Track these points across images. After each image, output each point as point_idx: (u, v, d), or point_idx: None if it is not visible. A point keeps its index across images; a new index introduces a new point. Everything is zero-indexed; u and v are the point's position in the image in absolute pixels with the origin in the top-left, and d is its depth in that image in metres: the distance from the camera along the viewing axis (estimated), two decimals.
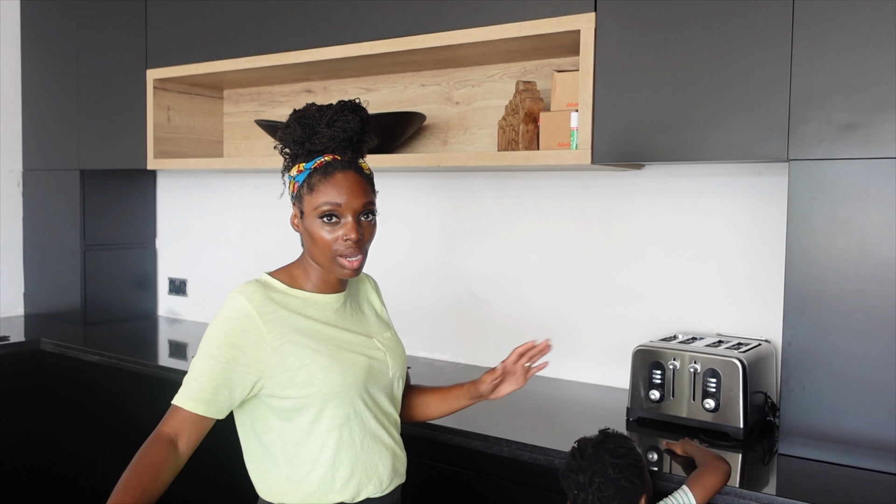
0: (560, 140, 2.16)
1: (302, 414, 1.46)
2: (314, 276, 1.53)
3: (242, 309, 1.43)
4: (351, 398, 1.49)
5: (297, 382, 1.44)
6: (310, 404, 1.45)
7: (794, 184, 1.79)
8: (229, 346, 1.41)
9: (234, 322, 1.43)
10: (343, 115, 1.49)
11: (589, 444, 1.54)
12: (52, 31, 3.42)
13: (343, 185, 1.46)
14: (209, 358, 1.42)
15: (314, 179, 1.47)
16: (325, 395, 1.45)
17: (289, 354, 1.44)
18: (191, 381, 1.42)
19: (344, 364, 1.48)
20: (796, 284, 1.79)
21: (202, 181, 3.47)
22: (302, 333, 1.46)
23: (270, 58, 2.68)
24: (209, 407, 1.40)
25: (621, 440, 1.54)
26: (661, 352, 2.01)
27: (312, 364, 1.45)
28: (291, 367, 1.44)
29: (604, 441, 1.53)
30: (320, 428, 1.47)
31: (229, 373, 1.41)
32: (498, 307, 2.64)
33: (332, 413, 1.47)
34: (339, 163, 1.48)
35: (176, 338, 3.27)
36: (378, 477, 1.53)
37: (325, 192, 1.46)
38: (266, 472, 1.51)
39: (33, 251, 3.58)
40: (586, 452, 1.52)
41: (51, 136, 3.46)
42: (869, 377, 1.71)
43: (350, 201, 1.46)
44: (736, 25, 1.85)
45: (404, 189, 2.83)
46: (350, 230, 1.46)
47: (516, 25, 2.16)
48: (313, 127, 1.48)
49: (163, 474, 1.36)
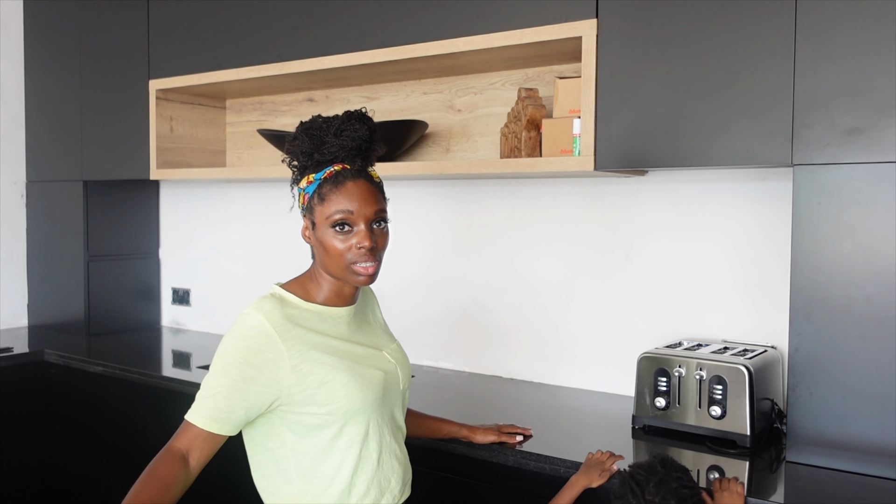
0: (563, 147, 2.15)
1: (321, 430, 1.44)
2: (326, 289, 1.52)
3: (260, 327, 1.40)
4: (370, 414, 1.48)
5: (318, 400, 1.42)
6: (330, 421, 1.44)
7: (799, 189, 1.78)
8: (246, 364, 1.38)
9: (251, 340, 1.40)
10: (350, 124, 1.48)
11: (651, 482, 1.41)
12: (55, 41, 3.44)
13: (354, 194, 1.45)
14: (224, 376, 1.39)
15: (324, 189, 1.46)
16: (345, 413, 1.44)
17: (308, 373, 1.41)
18: (205, 399, 1.39)
19: (363, 380, 1.47)
20: (802, 290, 1.78)
21: (205, 191, 3.47)
22: (319, 350, 1.44)
23: (272, 67, 2.68)
24: (223, 426, 1.38)
25: (683, 476, 1.43)
26: (667, 359, 2.00)
27: (333, 382, 1.43)
28: (311, 385, 1.41)
29: (665, 479, 1.41)
30: (340, 444, 1.45)
31: (245, 392, 1.38)
32: (502, 315, 2.63)
33: (353, 430, 1.46)
34: (349, 172, 1.47)
35: (180, 348, 3.26)
36: (391, 492, 1.52)
37: (336, 201, 1.45)
38: (276, 487, 1.48)
39: (37, 262, 3.58)
40: (647, 489, 1.40)
41: (54, 146, 3.47)
42: (877, 383, 1.70)
43: (362, 209, 1.45)
44: (738, 30, 1.84)
45: (407, 197, 2.82)
46: (363, 238, 1.45)
47: (518, 32, 2.15)
48: (321, 137, 1.47)
49: (172, 489, 1.34)
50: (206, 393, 1.40)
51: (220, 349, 1.42)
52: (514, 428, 1.92)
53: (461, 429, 1.88)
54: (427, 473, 1.95)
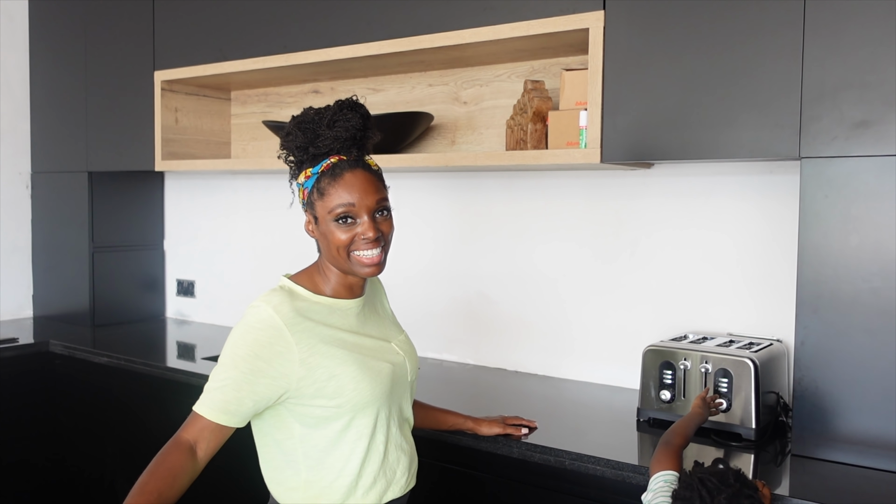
0: (569, 139, 2.14)
1: (330, 423, 1.45)
2: (334, 282, 1.52)
3: (269, 320, 1.40)
4: (379, 406, 1.48)
5: (327, 393, 1.43)
6: (339, 414, 1.44)
7: (807, 182, 1.77)
8: (255, 357, 1.39)
9: (260, 333, 1.40)
10: (343, 113, 1.47)
11: (723, 493, 1.32)
12: (60, 33, 3.43)
13: (354, 185, 1.45)
14: (233, 368, 1.39)
15: (323, 183, 1.45)
16: (354, 406, 1.44)
17: (317, 366, 1.42)
18: (214, 391, 1.39)
19: (371, 373, 1.47)
20: (809, 283, 1.77)
21: (210, 182, 3.47)
22: (329, 344, 1.45)
23: (278, 58, 2.68)
24: (231, 417, 1.39)
25: (754, 495, 1.34)
26: (672, 352, 2.00)
27: (342, 375, 1.43)
28: (320, 378, 1.42)
29: (738, 494, 1.32)
30: (349, 436, 1.46)
31: (254, 385, 1.38)
32: (507, 307, 2.63)
33: (362, 422, 1.46)
34: (346, 163, 1.46)
35: (184, 339, 3.26)
36: (397, 482, 1.53)
37: (336, 194, 1.44)
38: (284, 478, 1.49)
39: (42, 253, 3.59)
40: (717, 499, 1.31)
41: (59, 138, 3.47)
42: (883, 377, 1.70)
43: (363, 200, 1.45)
44: (746, 22, 1.84)
45: (412, 189, 2.82)
46: (367, 228, 1.45)
47: (524, 24, 2.15)
48: (314, 130, 1.47)
49: (179, 480, 1.35)
50: (214, 385, 1.40)
51: (230, 341, 1.42)
52: (519, 420, 1.92)
53: (466, 420, 1.88)
54: (433, 465, 1.96)
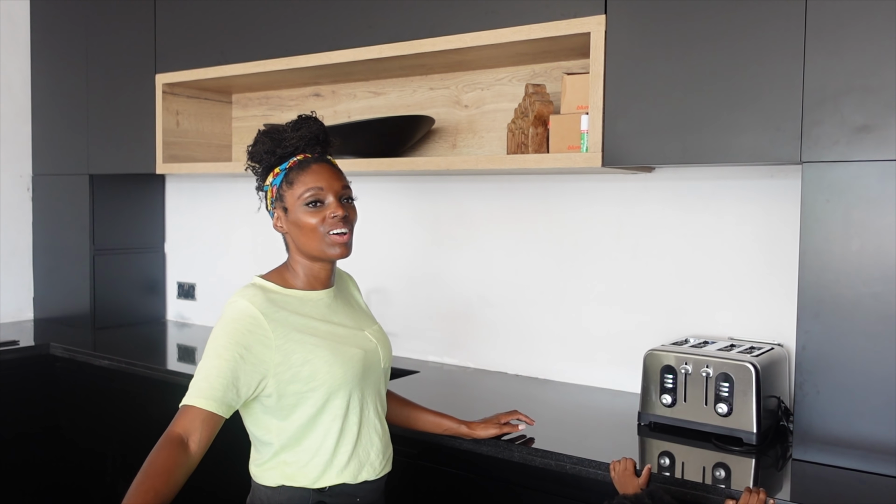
0: (570, 143, 2.14)
1: (303, 408, 1.52)
2: (303, 275, 1.62)
3: (246, 310, 1.50)
4: (351, 389, 1.56)
5: (302, 377, 1.51)
6: (314, 396, 1.52)
7: (808, 186, 1.77)
8: (236, 344, 1.47)
9: (239, 322, 1.49)
10: (305, 121, 1.63)
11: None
12: (61, 36, 3.44)
13: (320, 173, 1.58)
14: (216, 358, 1.46)
15: (291, 175, 1.58)
16: (328, 388, 1.53)
17: (292, 352, 1.50)
18: (199, 381, 1.45)
19: (343, 357, 1.56)
20: (810, 288, 1.77)
21: (211, 185, 3.47)
22: (301, 331, 1.54)
23: (279, 62, 2.68)
24: (219, 405, 1.43)
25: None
26: (673, 356, 1.99)
27: (315, 359, 1.52)
28: (295, 363, 1.50)
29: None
30: (324, 418, 1.54)
31: (237, 371, 1.45)
32: (508, 311, 2.63)
33: (335, 404, 1.55)
34: (312, 158, 1.61)
35: (185, 342, 3.26)
36: (371, 464, 1.61)
37: (304, 181, 1.57)
38: (263, 460, 1.58)
39: (43, 256, 3.59)
40: None
41: (60, 140, 3.47)
42: (885, 381, 1.69)
43: (331, 184, 1.58)
44: (747, 27, 1.84)
45: (413, 193, 2.82)
46: (336, 208, 1.57)
47: (526, 28, 2.15)
48: (280, 134, 1.61)
49: (174, 475, 1.36)
50: (200, 376, 1.47)
51: (211, 336, 1.51)
52: (514, 414, 1.91)
53: (460, 426, 1.88)
54: (432, 469, 1.96)
